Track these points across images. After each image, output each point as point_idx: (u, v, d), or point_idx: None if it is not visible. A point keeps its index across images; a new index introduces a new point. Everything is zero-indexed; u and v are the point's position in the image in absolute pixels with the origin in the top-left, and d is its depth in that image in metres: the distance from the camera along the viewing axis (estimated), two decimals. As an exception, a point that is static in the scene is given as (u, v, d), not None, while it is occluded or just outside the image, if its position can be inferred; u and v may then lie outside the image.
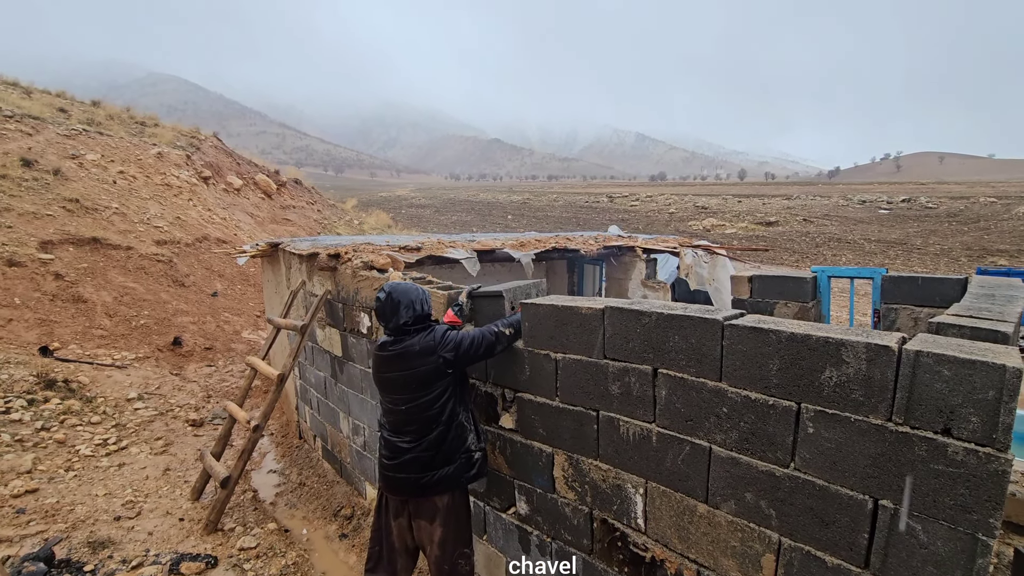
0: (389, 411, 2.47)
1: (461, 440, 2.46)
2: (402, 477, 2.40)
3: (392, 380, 2.42)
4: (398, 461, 2.40)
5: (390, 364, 2.42)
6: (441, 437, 2.38)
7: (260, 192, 16.17)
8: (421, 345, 2.37)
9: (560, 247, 5.31)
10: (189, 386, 6.56)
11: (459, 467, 2.44)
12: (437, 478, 2.39)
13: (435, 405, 2.37)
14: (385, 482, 2.49)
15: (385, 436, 2.49)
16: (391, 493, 2.48)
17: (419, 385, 2.36)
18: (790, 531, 1.66)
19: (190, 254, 10.17)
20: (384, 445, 2.48)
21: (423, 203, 57.64)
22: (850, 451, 1.52)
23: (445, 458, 2.40)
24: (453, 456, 2.42)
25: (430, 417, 2.37)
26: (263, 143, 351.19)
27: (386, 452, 2.46)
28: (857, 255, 27.59)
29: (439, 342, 2.38)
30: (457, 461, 2.43)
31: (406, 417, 2.39)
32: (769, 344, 1.67)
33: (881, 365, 1.45)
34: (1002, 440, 1.28)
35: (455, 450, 2.43)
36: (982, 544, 1.32)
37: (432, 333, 2.42)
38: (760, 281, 4.48)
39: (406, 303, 2.42)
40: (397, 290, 2.45)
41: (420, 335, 2.41)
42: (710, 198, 51.22)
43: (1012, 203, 36.65)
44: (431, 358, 2.35)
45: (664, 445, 1.98)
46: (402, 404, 2.40)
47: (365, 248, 4.22)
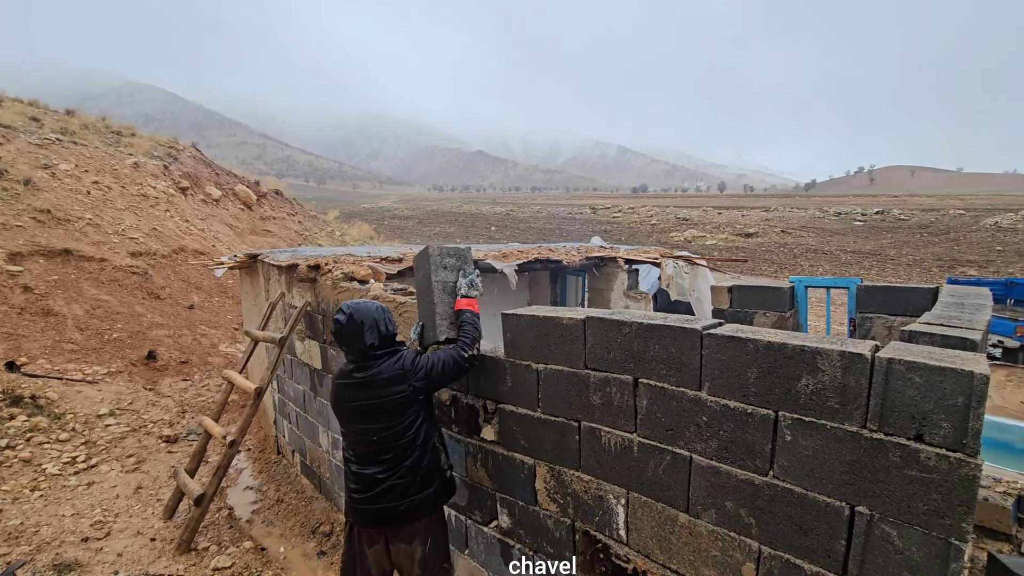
0: (357, 442, 2.32)
1: (436, 462, 2.39)
2: (380, 507, 2.28)
3: (359, 410, 2.28)
4: (374, 492, 2.27)
5: (356, 393, 2.28)
6: (418, 462, 2.30)
7: (240, 203, 15.97)
8: (390, 373, 2.25)
9: (542, 258, 5.33)
10: (163, 401, 6.39)
11: (437, 489, 2.38)
12: (417, 503, 2.30)
13: (410, 431, 2.27)
14: (359, 516, 2.35)
15: (354, 470, 2.32)
16: (367, 526, 2.35)
17: (392, 414, 2.25)
18: (770, 539, 1.67)
19: (166, 266, 9.97)
20: (354, 479, 2.32)
21: (406, 215, 57.50)
22: (827, 458, 1.54)
23: (424, 481, 2.33)
24: (432, 478, 2.35)
25: (405, 443, 2.27)
26: (243, 154, 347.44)
27: (357, 486, 2.31)
28: (834, 265, 28.19)
29: (409, 369, 2.26)
30: (436, 483, 2.37)
31: (379, 447, 2.27)
32: (747, 353, 1.68)
33: (855, 373, 1.47)
34: (971, 445, 1.31)
35: (432, 472, 2.36)
36: (955, 549, 1.33)
37: (401, 360, 2.29)
38: (739, 291, 4.55)
39: (369, 324, 2.27)
40: (359, 311, 2.30)
41: (387, 361, 2.28)
42: (691, 210, 52.03)
43: (980, 215, 37.92)
44: (401, 387, 2.24)
45: (645, 455, 1.98)
46: (373, 434, 2.27)
47: (346, 259, 4.18)
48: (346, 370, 2.34)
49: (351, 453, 2.36)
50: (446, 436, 2.83)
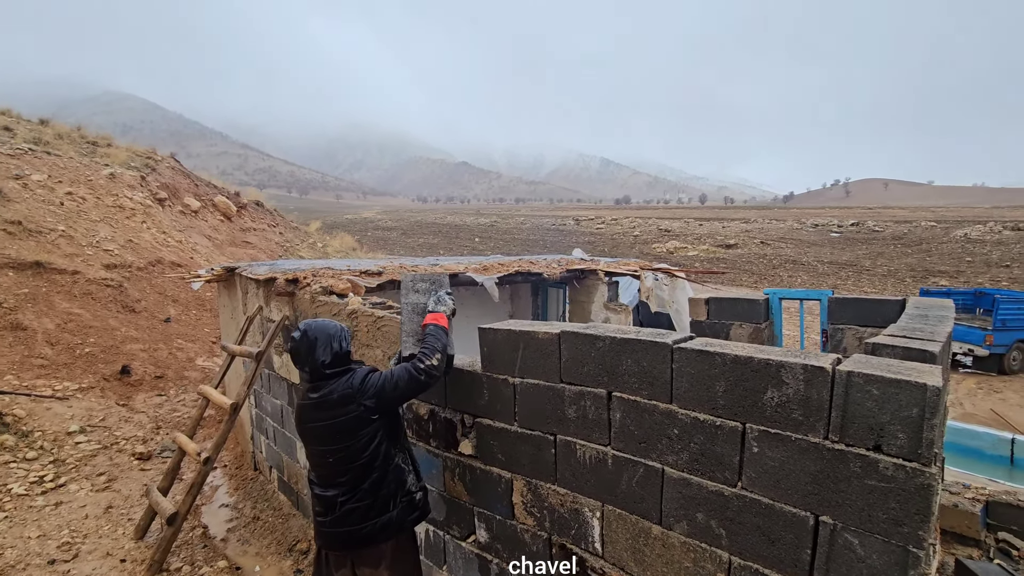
0: (317, 464, 2.31)
1: (400, 483, 2.32)
2: (342, 531, 2.24)
3: (314, 431, 2.26)
4: (335, 515, 2.24)
5: (311, 414, 2.26)
6: (377, 484, 2.25)
7: (219, 214, 15.78)
8: (340, 393, 2.21)
9: (523, 271, 5.36)
10: (137, 417, 6.24)
11: (402, 511, 2.31)
12: (380, 526, 2.25)
13: (365, 452, 2.21)
14: (323, 539, 2.33)
15: (316, 492, 2.30)
16: (331, 550, 2.32)
17: (343, 435, 2.20)
18: (739, 550, 1.70)
19: (142, 278, 9.79)
20: (317, 501, 2.30)
21: (389, 226, 57.33)
22: (792, 469, 1.58)
23: (384, 504, 2.27)
24: (393, 501, 2.29)
25: (362, 465, 2.22)
26: (224, 164, 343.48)
27: (320, 508, 2.29)
28: (812, 276, 28.76)
29: (357, 389, 2.21)
30: (399, 505, 2.31)
31: (336, 468, 2.23)
32: (715, 366, 1.72)
33: (817, 385, 1.52)
34: (926, 455, 1.35)
35: (394, 495, 2.29)
36: (913, 556, 1.37)
37: (351, 378, 2.24)
38: (716, 303, 4.62)
39: (323, 341, 2.24)
40: (313, 328, 2.28)
41: (339, 380, 2.24)
42: (673, 221, 52.76)
43: (950, 227, 39.09)
44: (351, 407, 2.19)
45: (619, 468, 2.00)
46: (329, 456, 2.24)
47: (325, 273, 4.16)
48: (304, 391, 2.31)
49: (313, 475, 2.33)
50: (424, 451, 2.83)
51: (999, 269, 27.31)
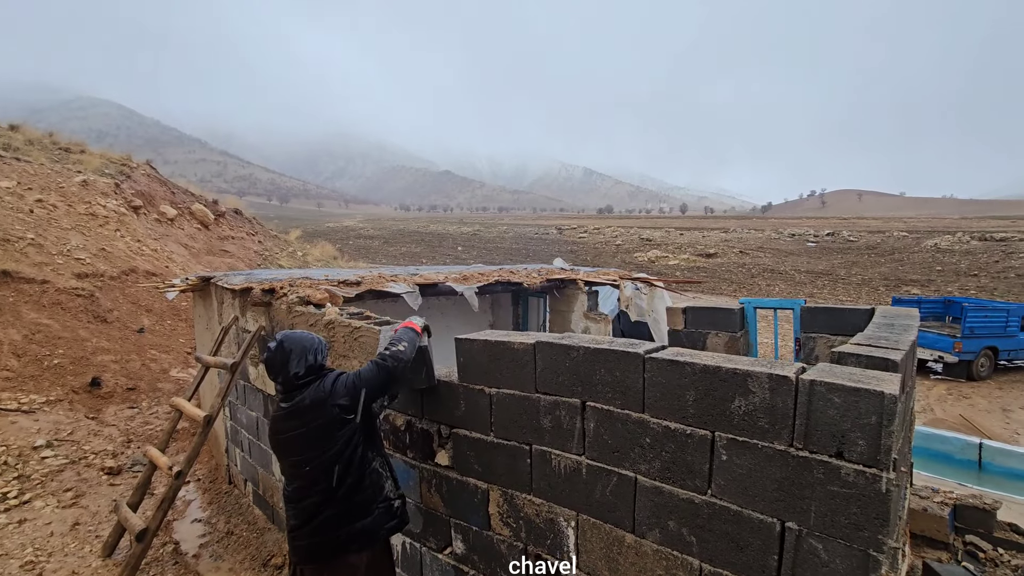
0: (293, 476, 2.25)
1: (378, 488, 2.27)
2: (316, 541, 2.18)
3: (290, 441, 2.21)
4: (311, 525, 2.18)
5: (285, 424, 2.21)
6: (354, 488, 2.19)
7: (196, 222, 15.52)
8: (312, 398, 2.18)
9: (503, 280, 5.38)
10: (107, 430, 6.07)
11: (378, 518, 2.25)
12: (356, 532, 2.19)
13: (342, 456, 2.17)
14: (298, 553, 2.25)
15: (292, 505, 2.24)
16: (307, 563, 2.24)
17: (319, 440, 2.16)
18: (710, 557, 1.72)
19: (115, 288, 9.56)
20: (293, 515, 2.24)
21: (371, 234, 56.95)
22: (759, 476, 1.61)
23: (362, 510, 2.22)
24: (370, 507, 2.24)
25: (340, 469, 2.17)
26: (203, 171, 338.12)
27: (296, 521, 2.23)
28: (789, 285, 29.31)
29: (329, 391, 2.18)
30: (375, 511, 2.25)
31: (313, 477, 2.18)
32: (685, 376, 1.76)
33: (782, 394, 1.56)
34: (884, 461, 1.40)
35: (372, 500, 2.24)
36: (873, 560, 1.41)
37: (321, 382, 2.22)
38: (693, 313, 4.69)
39: (298, 352, 2.22)
40: (290, 339, 2.26)
41: (311, 387, 2.21)
42: (654, 231, 53.38)
43: (921, 237, 40.23)
44: (324, 409, 2.16)
45: (593, 477, 2.02)
46: (306, 464, 2.18)
47: (302, 282, 4.13)
48: (278, 404, 2.28)
49: (289, 489, 2.27)
50: (400, 462, 2.81)
51: (968, 278, 28.16)
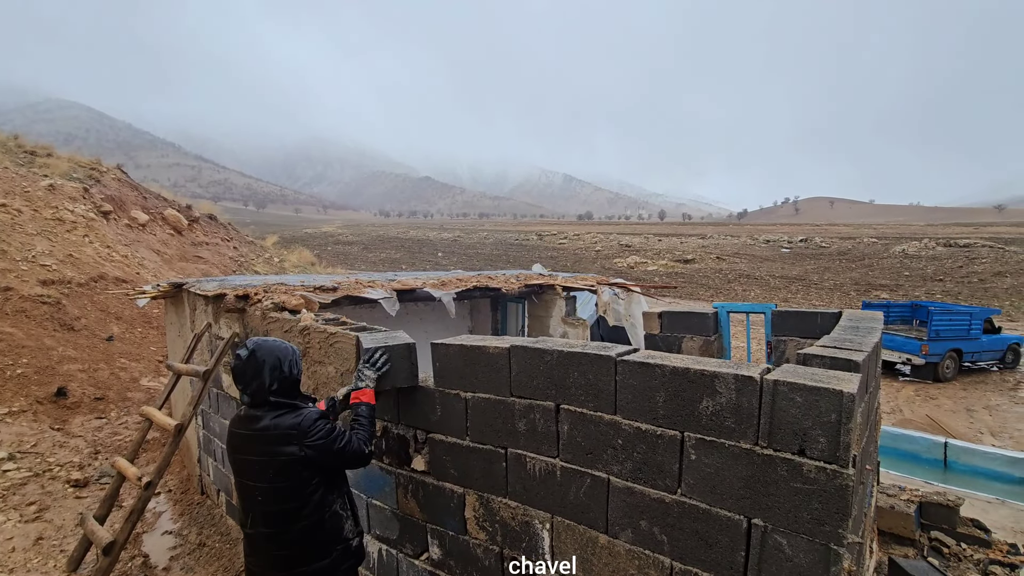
0: (244, 498, 2.11)
1: (336, 531, 2.15)
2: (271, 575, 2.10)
3: (247, 464, 2.07)
4: (260, 559, 2.10)
5: (245, 445, 2.08)
6: (311, 530, 2.07)
7: (169, 228, 15.20)
8: (283, 430, 2.02)
9: (481, 286, 5.39)
10: (73, 442, 5.89)
11: (336, 559, 2.14)
12: (311, 572, 2.08)
13: (299, 497, 2.04)
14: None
15: (247, 532, 2.13)
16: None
17: (278, 475, 2.02)
18: (680, 555, 1.76)
19: (83, 295, 9.30)
20: (245, 539, 2.14)
21: (350, 240, 56.41)
22: (726, 475, 1.65)
23: (319, 552, 2.10)
24: (329, 548, 2.12)
25: (293, 509, 2.04)
26: (176, 176, 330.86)
27: (247, 547, 2.14)
28: (764, 290, 29.89)
29: (304, 432, 2.02)
30: (333, 554, 2.13)
31: (264, 509, 2.05)
32: (655, 378, 1.80)
33: (747, 394, 1.61)
34: (844, 457, 1.45)
35: (330, 543, 2.12)
36: (834, 553, 1.46)
37: (299, 417, 2.06)
38: (669, 317, 4.77)
39: (272, 363, 2.07)
40: (263, 348, 2.11)
41: (285, 416, 2.06)
42: (633, 237, 53.99)
43: (890, 243, 41.48)
44: (291, 447, 2.00)
45: (568, 479, 2.04)
46: (259, 494, 2.05)
47: (277, 288, 4.08)
48: (243, 415, 2.13)
49: (242, 511, 2.15)
50: (376, 468, 2.79)
51: (934, 283, 29.10)
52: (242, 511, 2.15)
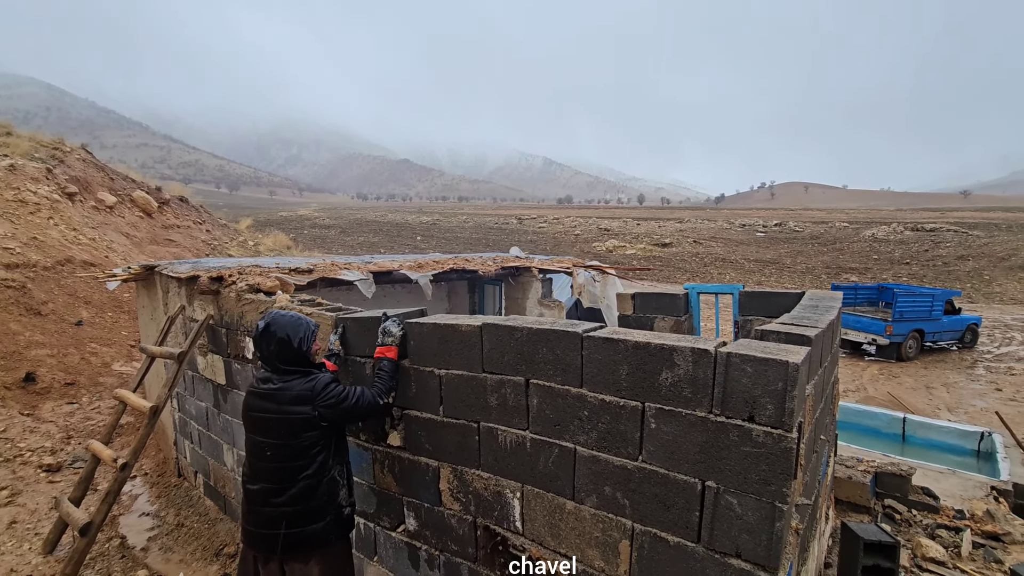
0: (254, 453, 2.28)
1: (332, 496, 2.31)
2: (264, 533, 2.22)
3: (260, 421, 2.25)
4: (260, 515, 2.22)
5: (261, 403, 2.26)
6: (309, 491, 2.23)
7: (138, 210, 14.79)
8: (297, 391, 2.22)
9: (459, 268, 5.44)
10: (44, 427, 5.81)
11: (328, 524, 2.30)
12: (305, 535, 2.23)
13: (305, 456, 2.22)
14: (248, 539, 2.29)
15: (248, 487, 2.27)
16: (255, 551, 2.28)
17: (288, 432, 2.21)
18: (640, 517, 1.87)
19: (49, 279, 9.06)
20: (246, 497, 2.27)
21: (327, 223, 55.53)
22: (683, 441, 1.76)
23: (314, 514, 2.25)
24: (323, 513, 2.27)
25: (298, 468, 2.21)
26: (145, 156, 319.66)
27: (247, 505, 2.26)
28: (739, 273, 30.49)
29: (318, 393, 2.23)
30: (327, 518, 2.29)
31: (271, 465, 2.22)
32: (619, 352, 1.88)
33: (703, 366, 1.71)
34: (788, 422, 1.56)
35: (325, 506, 2.28)
36: (778, 510, 1.58)
37: (313, 381, 2.26)
38: (641, 298, 4.88)
39: (281, 337, 2.27)
40: (277, 322, 2.30)
41: (299, 379, 2.26)
42: (612, 221, 54.28)
43: (861, 227, 42.53)
44: (305, 407, 2.21)
45: (537, 450, 2.14)
46: (268, 449, 2.23)
47: (252, 270, 4.07)
48: (260, 376, 2.33)
49: (248, 468, 2.29)
50: (354, 445, 2.86)
51: (900, 266, 30.05)
52: (248, 466, 2.30)
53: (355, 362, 2.77)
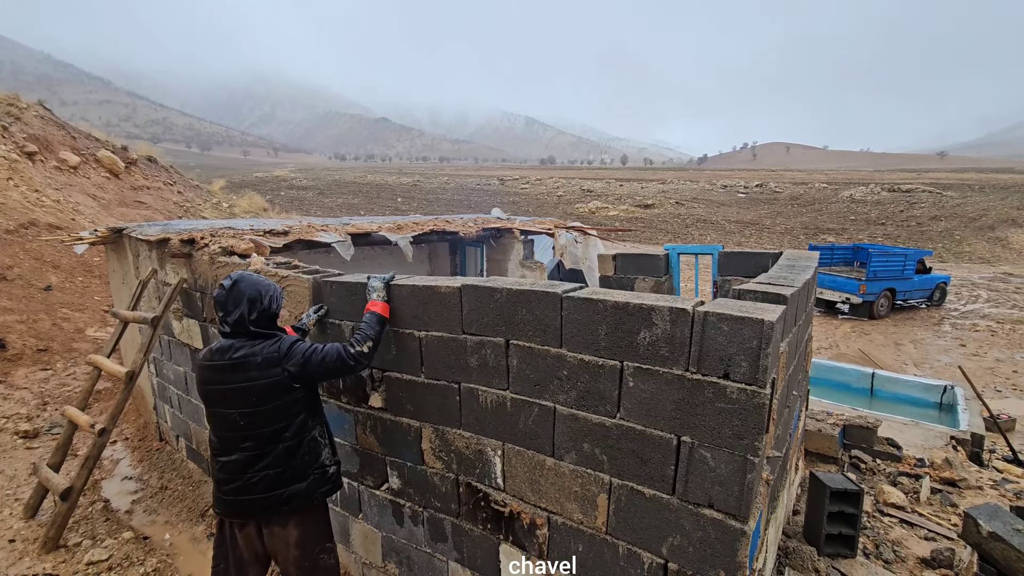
0: (222, 426, 2.18)
1: (314, 455, 2.28)
2: (246, 499, 2.15)
3: (227, 392, 2.14)
4: (240, 483, 2.14)
5: (225, 374, 2.14)
6: (290, 452, 2.19)
7: (104, 171, 14.19)
8: (263, 356, 2.13)
9: (439, 230, 5.36)
10: (19, 394, 5.71)
11: (312, 483, 2.26)
12: (287, 495, 2.19)
13: (281, 419, 2.16)
14: (225, 508, 2.21)
15: (221, 460, 2.18)
16: (234, 518, 2.23)
17: (259, 399, 2.12)
18: (618, 472, 1.92)
19: (13, 243, 8.72)
20: (220, 468, 2.19)
21: (304, 185, 54.14)
22: (660, 399, 1.79)
23: (296, 474, 2.21)
24: (306, 472, 2.24)
25: (276, 431, 2.16)
26: (109, 114, 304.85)
27: (223, 475, 2.18)
28: (720, 234, 30.72)
29: (283, 353, 2.15)
30: (310, 477, 2.25)
31: (246, 433, 2.14)
32: (598, 312, 1.89)
33: (680, 325, 1.72)
34: (762, 379, 1.59)
35: (307, 465, 2.24)
36: (750, 463, 1.63)
37: (278, 343, 2.18)
38: (622, 259, 4.90)
39: (252, 295, 2.17)
40: (245, 280, 2.21)
41: (263, 344, 2.17)
42: (595, 182, 53.91)
43: (839, 188, 42.96)
44: (274, 370, 2.12)
45: (517, 409, 2.16)
46: (241, 419, 2.13)
47: (225, 233, 3.95)
48: (216, 348, 2.20)
49: (218, 441, 2.20)
50: (335, 407, 2.86)
51: (876, 226, 30.59)
52: (218, 440, 2.20)
53: (334, 325, 2.74)
